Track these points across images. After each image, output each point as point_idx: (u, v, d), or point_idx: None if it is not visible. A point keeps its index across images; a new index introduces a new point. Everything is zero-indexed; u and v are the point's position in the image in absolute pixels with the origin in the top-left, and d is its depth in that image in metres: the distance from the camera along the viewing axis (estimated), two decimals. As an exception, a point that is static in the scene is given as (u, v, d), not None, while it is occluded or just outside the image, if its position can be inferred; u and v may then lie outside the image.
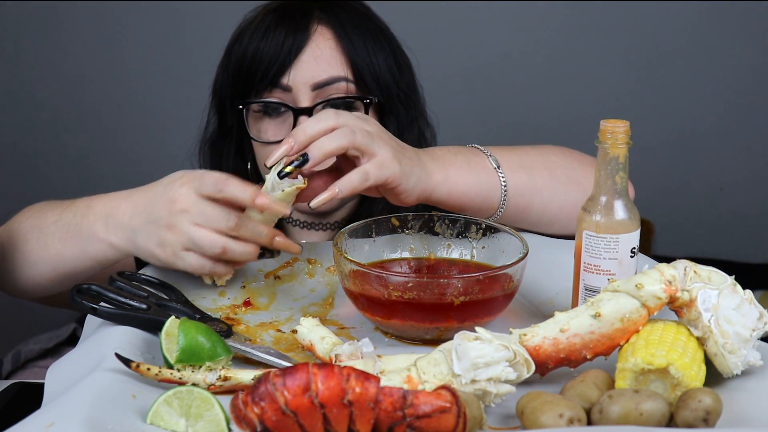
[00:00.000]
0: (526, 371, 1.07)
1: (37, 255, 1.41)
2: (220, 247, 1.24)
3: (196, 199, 1.24)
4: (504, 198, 1.37)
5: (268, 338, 1.26)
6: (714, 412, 0.98)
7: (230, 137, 1.66)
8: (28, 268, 1.42)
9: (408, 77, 1.65)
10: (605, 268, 1.19)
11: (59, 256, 1.38)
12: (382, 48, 1.61)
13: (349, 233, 1.34)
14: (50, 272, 1.41)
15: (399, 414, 0.95)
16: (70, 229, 1.37)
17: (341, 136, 1.22)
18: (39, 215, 1.44)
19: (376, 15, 1.67)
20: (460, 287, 1.23)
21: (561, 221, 1.42)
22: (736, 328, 1.08)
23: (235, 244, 1.25)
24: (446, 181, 1.32)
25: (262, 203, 1.23)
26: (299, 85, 1.54)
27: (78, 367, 1.14)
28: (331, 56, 1.56)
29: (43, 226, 1.41)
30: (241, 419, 0.96)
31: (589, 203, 1.21)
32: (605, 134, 1.18)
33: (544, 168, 1.41)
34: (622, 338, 1.08)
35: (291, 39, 1.55)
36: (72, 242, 1.36)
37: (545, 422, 0.98)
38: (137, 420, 1.02)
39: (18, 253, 1.43)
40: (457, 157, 1.35)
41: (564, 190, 1.41)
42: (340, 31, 1.57)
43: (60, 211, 1.40)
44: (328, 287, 1.39)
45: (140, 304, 1.22)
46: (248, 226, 1.25)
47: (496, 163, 1.37)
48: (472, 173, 1.34)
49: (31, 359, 2.07)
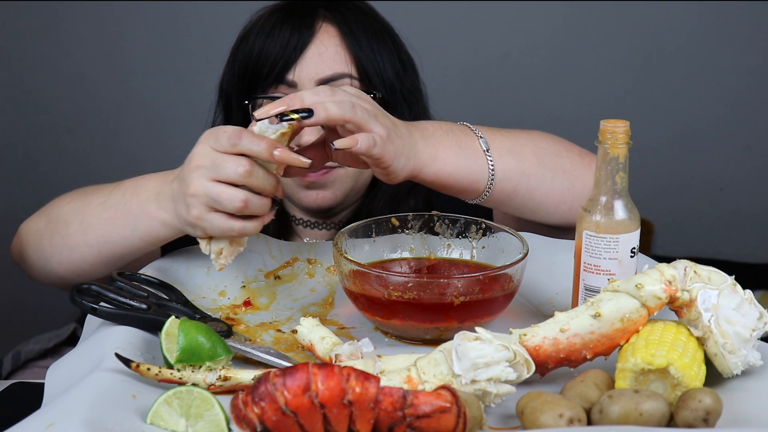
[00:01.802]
0: (526, 371, 1.07)
1: (80, 238, 1.39)
2: (241, 200, 1.21)
3: (210, 154, 1.22)
4: (491, 182, 1.36)
5: (268, 338, 1.26)
6: (714, 412, 0.98)
7: None
8: (69, 252, 1.41)
9: (412, 76, 1.66)
10: (605, 268, 1.19)
11: (105, 237, 1.37)
12: (386, 46, 1.62)
13: (349, 233, 1.34)
14: (94, 255, 1.39)
15: (399, 414, 0.95)
16: (118, 209, 1.35)
17: (346, 106, 1.21)
18: (81, 199, 1.43)
19: (380, 14, 1.68)
20: (460, 287, 1.23)
21: (546, 208, 1.42)
22: (736, 328, 1.08)
23: (254, 196, 1.22)
24: (434, 161, 1.31)
25: (280, 156, 1.20)
26: (304, 81, 1.56)
27: (78, 367, 1.14)
28: (336, 53, 1.57)
29: (87, 209, 1.39)
30: (241, 419, 0.96)
31: (589, 203, 1.21)
32: (605, 134, 1.18)
33: (533, 154, 1.40)
34: (622, 338, 1.08)
35: (296, 36, 1.57)
36: (120, 222, 1.35)
37: (545, 422, 0.98)
38: (137, 420, 1.02)
39: (57, 237, 1.42)
40: (448, 136, 1.34)
41: (551, 177, 1.40)
42: (345, 29, 1.59)
43: (106, 193, 1.39)
44: (328, 287, 1.39)
45: (140, 304, 1.22)
46: (259, 174, 1.21)
47: (486, 145, 1.36)
48: (460, 155, 1.34)
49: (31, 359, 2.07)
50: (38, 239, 1.45)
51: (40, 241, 1.45)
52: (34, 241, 1.46)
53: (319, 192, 1.59)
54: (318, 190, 1.59)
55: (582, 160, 1.44)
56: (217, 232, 1.24)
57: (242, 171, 1.20)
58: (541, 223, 1.45)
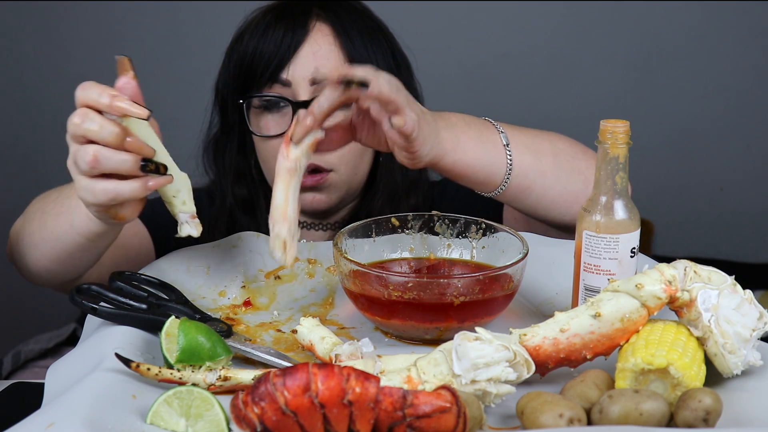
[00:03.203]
0: (526, 372, 1.07)
1: (38, 236, 1.38)
2: (90, 154, 1.15)
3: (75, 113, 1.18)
4: (508, 176, 1.37)
5: (268, 338, 1.26)
6: (714, 412, 0.98)
7: (233, 135, 1.68)
8: (33, 251, 1.40)
9: (406, 76, 1.67)
10: (605, 268, 1.19)
11: (54, 234, 1.34)
12: (380, 46, 1.63)
13: (349, 233, 1.34)
14: (49, 252, 1.36)
15: (399, 414, 0.95)
16: (63, 204, 1.34)
17: (393, 87, 1.20)
18: (45, 197, 1.43)
19: (374, 13, 1.68)
20: (460, 287, 1.23)
21: (559, 208, 1.42)
22: (736, 328, 1.08)
23: (106, 149, 1.15)
24: (455, 150, 1.31)
25: (118, 106, 1.16)
26: (298, 79, 1.57)
27: (78, 367, 1.14)
28: (330, 51, 1.58)
29: (46, 207, 1.39)
30: (241, 419, 0.96)
31: (589, 203, 1.21)
32: (605, 134, 1.18)
33: (551, 153, 1.41)
34: (622, 338, 1.08)
35: (290, 35, 1.58)
36: (63, 217, 1.32)
37: (545, 422, 0.98)
38: (137, 420, 1.02)
39: (26, 236, 1.41)
40: (471, 127, 1.35)
41: (566, 177, 1.41)
42: (339, 28, 1.60)
43: (64, 190, 1.38)
44: (328, 287, 1.39)
45: (140, 304, 1.22)
46: (94, 120, 1.16)
47: (506, 140, 1.37)
48: (480, 146, 1.34)
49: (31, 359, 2.07)
50: (17, 238, 1.45)
51: (18, 240, 1.45)
52: (15, 240, 1.47)
53: (315, 195, 1.60)
54: (314, 193, 1.60)
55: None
56: (103, 199, 1.17)
57: (76, 120, 1.16)
58: (553, 222, 1.45)
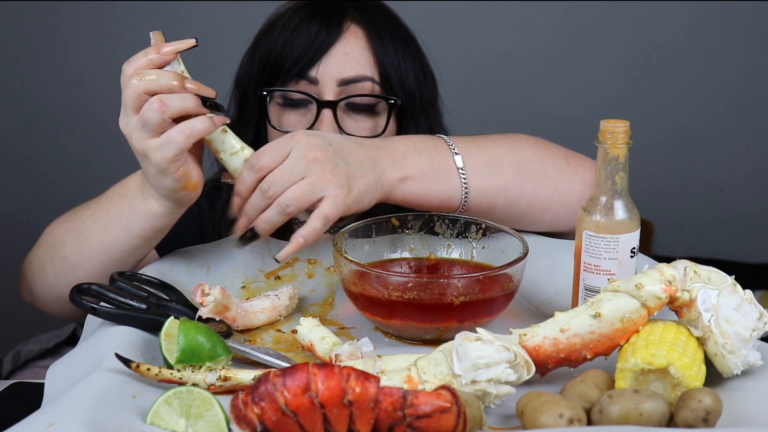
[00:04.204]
0: (527, 373, 1.07)
1: (79, 255, 1.38)
2: (157, 100, 1.22)
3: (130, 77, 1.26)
4: (465, 199, 1.37)
5: (268, 338, 1.26)
6: (714, 412, 0.98)
7: (249, 126, 1.66)
8: (72, 272, 1.39)
9: (432, 87, 1.66)
10: (605, 268, 1.19)
11: (103, 245, 1.36)
12: (410, 54, 1.62)
13: (349, 233, 1.34)
14: (95, 267, 1.37)
15: (399, 414, 0.95)
16: (110, 214, 1.35)
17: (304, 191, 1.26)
18: (72, 217, 1.42)
19: (406, 24, 1.67)
20: (460, 287, 1.23)
21: (529, 218, 1.42)
22: (736, 328, 1.08)
23: (171, 93, 1.23)
24: (404, 183, 1.33)
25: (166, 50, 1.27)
26: (326, 78, 1.55)
27: (78, 367, 1.14)
28: (361, 55, 1.57)
29: (80, 225, 1.39)
30: (241, 419, 0.96)
31: (589, 203, 1.21)
32: (605, 134, 1.18)
33: (511, 165, 1.40)
34: (622, 338, 1.08)
35: (324, 33, 1.56)
36: (114, 226, 1.35)
37: (545, 422, 0.98)
38: (137, 420, 1.02)
39: (58, 261, 1.40)
40: (420, 155, 1.35)
41: (532, 188, 1.40)
42: (372, 32, 1.58)
43: (94, 205, 1.39)
44: (328, 287, 1.39)
45: (140, 304, 1.22)
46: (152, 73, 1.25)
47: (460, 162, 1.37)
48: (431, 174, 1.35)
49: (31, 359, 2.07)
50: (41, 269, 1.44)
51: (42, 270, 1.44)
52: (38, 272, 1.45)
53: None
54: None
55: (568, 164, 1.43)
56: (182, 142, 1.24)
57: (135, 81, 1.24)
58: (528, 231, 1.44)
